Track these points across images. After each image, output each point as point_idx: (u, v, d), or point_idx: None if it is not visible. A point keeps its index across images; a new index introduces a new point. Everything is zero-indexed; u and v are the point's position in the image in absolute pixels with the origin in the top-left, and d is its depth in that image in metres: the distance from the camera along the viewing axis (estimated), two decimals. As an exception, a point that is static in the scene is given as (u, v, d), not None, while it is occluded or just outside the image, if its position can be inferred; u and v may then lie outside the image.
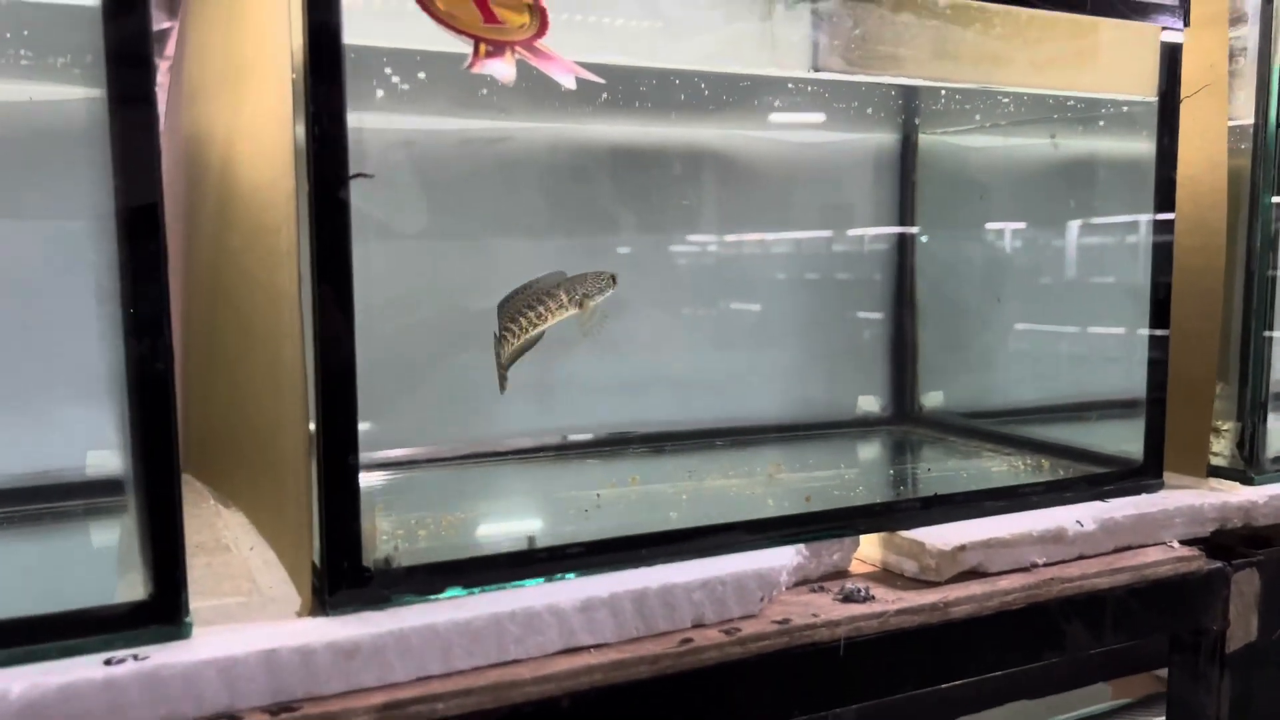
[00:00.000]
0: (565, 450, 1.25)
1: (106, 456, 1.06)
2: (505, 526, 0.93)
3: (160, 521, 0.69)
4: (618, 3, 1.04)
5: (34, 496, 1.05)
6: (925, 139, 1.38)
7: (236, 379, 1.01)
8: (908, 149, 1.39)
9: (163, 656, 0.66)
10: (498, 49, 0.72)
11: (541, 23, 0.75)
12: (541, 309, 1.03)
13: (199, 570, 0.85)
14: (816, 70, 1.13)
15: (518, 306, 1.02)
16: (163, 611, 0.69)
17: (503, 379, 1.02)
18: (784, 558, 0.89)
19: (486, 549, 0.81)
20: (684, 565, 0.84)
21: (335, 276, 0.72)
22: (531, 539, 0.81)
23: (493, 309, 1.21)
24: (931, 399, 1.43)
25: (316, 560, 0.75)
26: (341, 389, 0.73)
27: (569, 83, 0.74)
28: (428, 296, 1.18)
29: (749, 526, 0.90)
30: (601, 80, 0.76)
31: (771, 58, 1.11)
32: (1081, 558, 1.00)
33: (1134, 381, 1.13)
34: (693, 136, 1.29)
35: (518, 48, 0.73)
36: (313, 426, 0.74)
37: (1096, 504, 1.05)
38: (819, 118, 1.30)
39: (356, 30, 0.72)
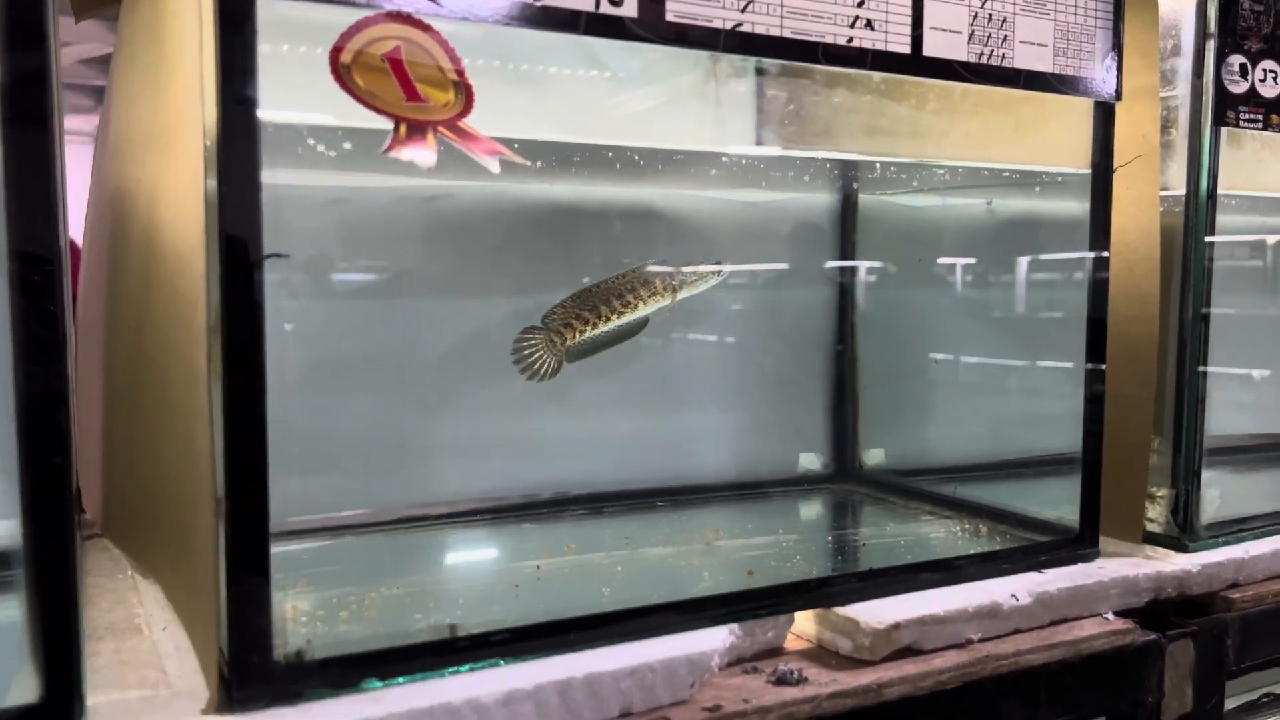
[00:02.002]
0: (502, 513, 1.22)
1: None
2: (431, 606, 0.90)
3: (53, 618, 0.66)
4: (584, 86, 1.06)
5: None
6: (865, 199, 1.38)
7: (156, 446, 0.97)
8: (848, 208, 1.39)
9: (52, 767, 0.63)
10: (419, 129, 0.70)
11: (467, 100, 0.73)
12: (627, 299, 1.08)
13: (105, 657, 0.82)
14: (759, 144, 1.14)
15: (589, 300, 1.07)
16: (55, 712, 0.65)
17: (551, 370, 1.05)
18: (717, 639, 0.87)
19: (408, 636, 0.78)
20: (613, 650, 0.82)
21: (246, 360, 0.69)
22: (453, 627, 0.78)
23: (425, 366, 1.19)
24: (873, 456, 1.43)
25: (224, 650, 0.72)
26: (251, 470, 0.70)
27: (492, 166, 0.73)
28: (362, 356, 1.15)
29: (682, 607, 0.88)
30: (527, 162, 0.74)
31: (718, 136, 1.13)
32: (1017, 632, 0.99)
33: (1071, 441, 1.13)
34: (636, 196, 1.28)
35: (440, 127, 0.71)
36: (220, 504, 0.71)
37: (1032, 575, 1.05)
38: (761, 181, 1.30)
39: (277, 104, 0.70)
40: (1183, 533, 1.16)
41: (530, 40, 1.13)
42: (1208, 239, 1.13)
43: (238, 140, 0.67)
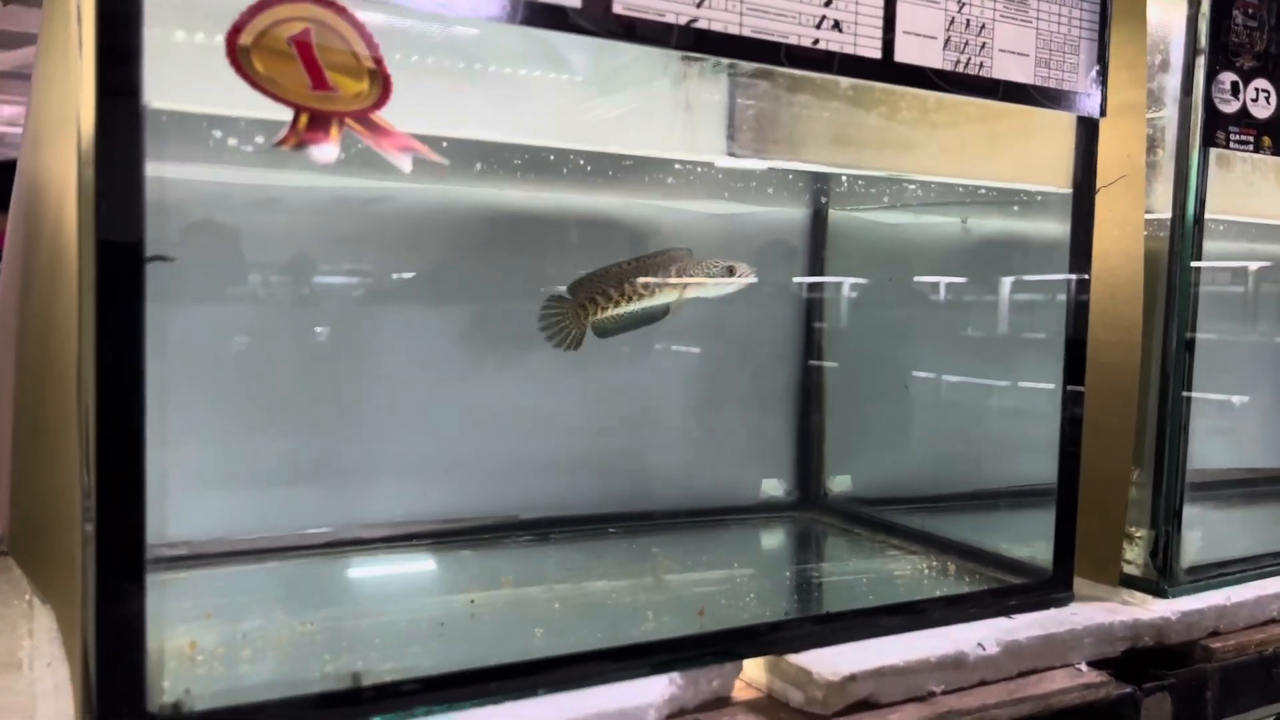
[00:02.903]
0: (442, 538, 1.15)
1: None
2: (344, 646, 0.82)
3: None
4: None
5: None
6: (836, 214, 1.32)
7: (54, 460, 0.89)
8: (818, 223, 1.32)
9: None
10: (322, 120, 0.62)
11: (383, 91, 0.66)
12: (631, 286, 1.06)
13: (-27, 697, 0.74)
14: (732, 155, 1.08)
15: (610, 279, 1.06)
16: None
17: (575, 339, 1.05)
18: (655, 690, 0.79)
19: (307, 684, 0.71)
20: (539, 703, 0.74)
21: (120, 370, 0.61)
22: (357, 675, 0.70)
23: (368, 378, 1.12)
24: (839, 483, 1.36)
25: (90, 700, 0.64)
26: (123, 490, 0.62)
27: (404, 165, 0.65)
28: (300, 366, 1.07)
29: (618, 654, 0.80)
30: (444, 161, 0.67)
31: (687, 144, 1.07)
32: (983, 684, 0.92)
33: (1048, 473, 1.07)
34: (592, 204, 1.21)
35: (348, 119, 0.63)
36: (88, 528, 0.63)
37: (1001, 620, 0.98)
38: (724, 193, 1.23)
39: (169, 92, 0.63)
40: (1162, 577, 1.09)
41: (492, 40, 1.06)
42: (1194, 264, 1.07)
43: (116, 128, 0.60)
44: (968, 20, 0.91)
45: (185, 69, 0.64)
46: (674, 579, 1.05)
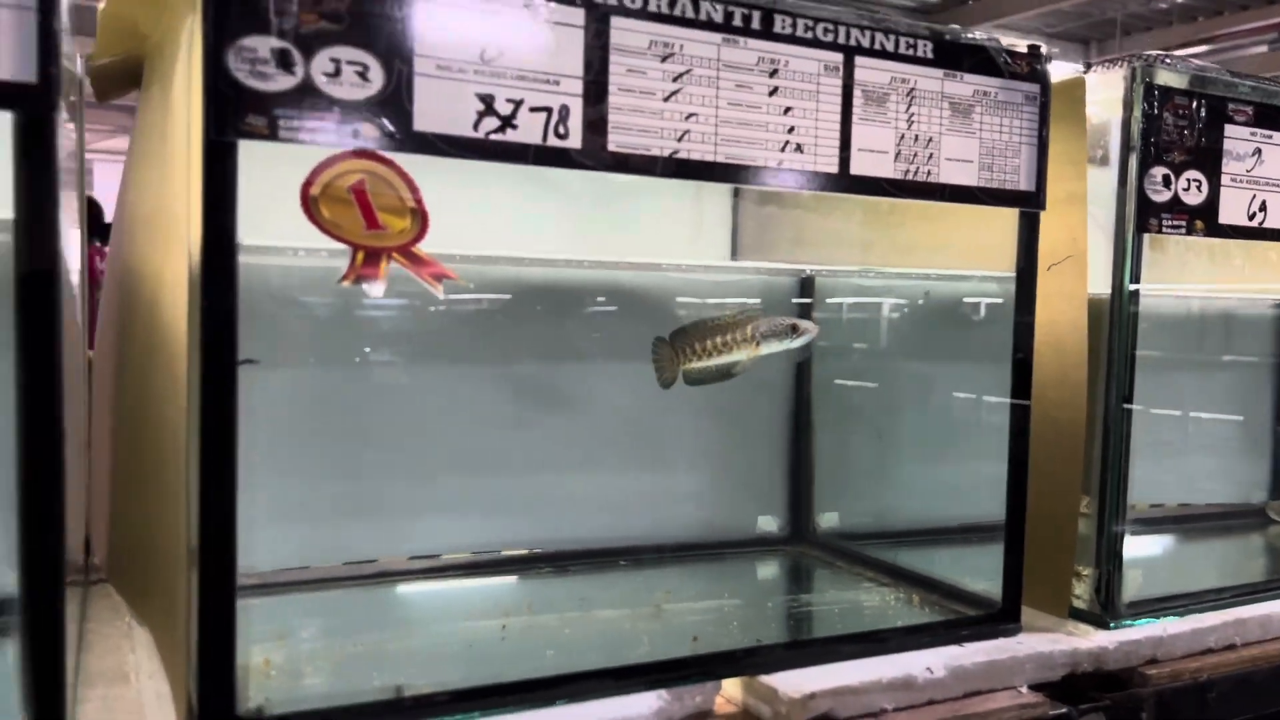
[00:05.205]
0: (474, 569, 1.32)
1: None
2: (387, 665, 0.99)
3: (41, 667, 0.75)
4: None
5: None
6: (821, 279, 1.48)
7: (150, 501, 1.07)
8: (806, 282, 1.48)
9: (34, 808, 0.73)
10: (375, 256, 0.80)
11: (421, 226, 0.83)
12: (721, 339, 1.17)
13: (94, 704, 0.92)
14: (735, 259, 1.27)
15: (700, 333, 1.18)
16: (42, 762, 0.75)
17: (667, 380, 1.18)
18: (646, 704, 0.95)
19: (359, 695, 0.88)
20: (549, 713, 0.91)
21: (219, 436, 0.80)
22: (399, 688, 0.87)
23: (412, 428, 1.29)
24: (827, 520, 1.51)
25: (192, 705, 0.82)
26: (220, 530, 0.80)
27: (437, 291, 0.83)
28: (347, 424, 1.26)
29: (616, 674, 0.97)
30: (469, 284, 0.85)
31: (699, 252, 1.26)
32: (931, 703, 1.07)
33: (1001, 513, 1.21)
34: (606, 276, 1.38)
35: (394, 253, 0.81)
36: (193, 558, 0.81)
37: (952, 648, 1.13)
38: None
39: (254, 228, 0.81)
40: (1104, 610, 1.23)
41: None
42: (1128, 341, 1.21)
43: (218, 263, 0.78)
44: (916, 135, 1.07)
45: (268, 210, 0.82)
46: (671, 608, 1.21)
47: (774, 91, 0.99)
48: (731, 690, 1.04)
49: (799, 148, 1.00)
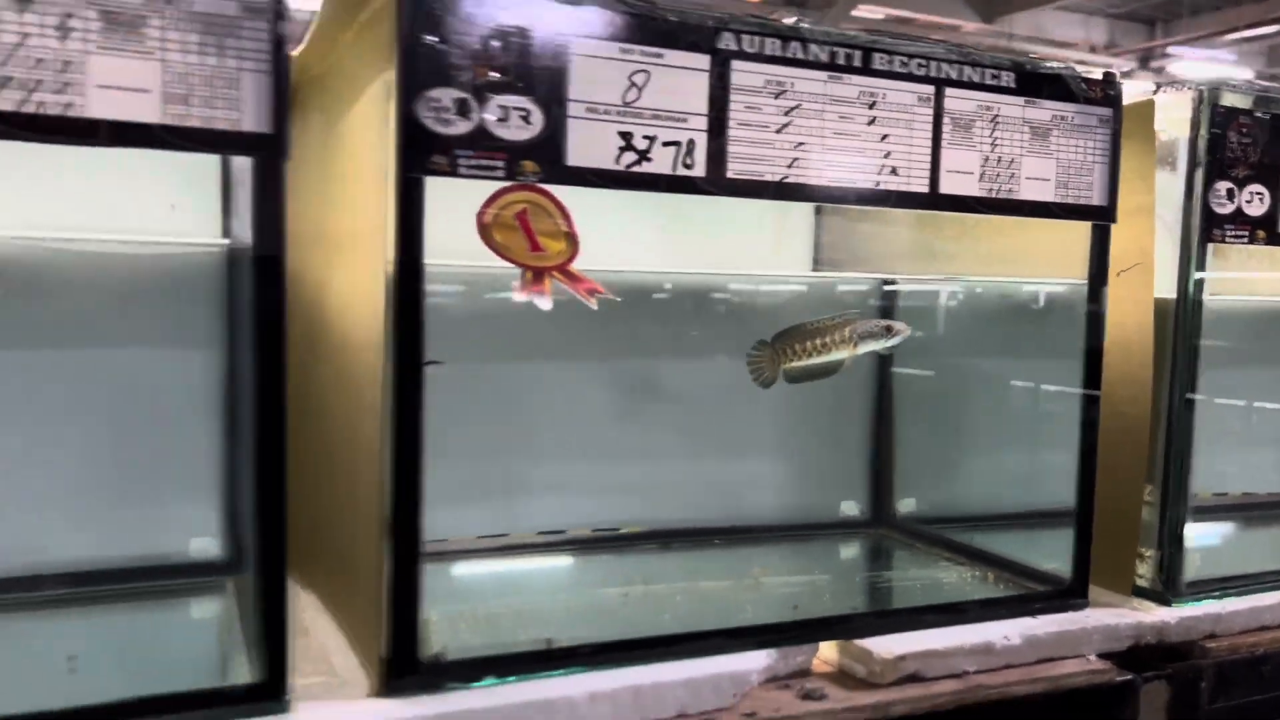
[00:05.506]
0: (588, 544, 1.47)
1: (207, 543, 1.29)
2: (530, 623, 1.14)
3: (272, 615, 0.92)
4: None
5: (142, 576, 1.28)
6: (900, 284, 1.60)
7: (320, 482, 1.23)
8: (885, 288, 1.61)
9: (274, 729, 0.89)
10: (539, 275, 0.95)
11: (574, 248, 0.97)
12: (821, 340, 1.26)
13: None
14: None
15: (801, 335, 1.27)
16: (271, 692, 0.91)
17: (767, 380, 1.27)
18: (757, 660, 1.09)
19: (514, 645, 1.03)
20: (674, 665, 1.05)
21: (409, 427, 0.95)
22: (549, 640, 1.02)
23: (530, 421, 1.44)
24: (905, 505, 1.64)
25: (384, 652, 0.97)
26: (406, 527, 0.96)
27: (592, 304, 0.97)
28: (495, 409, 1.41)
29: (730, 634, 1.11)
30: (618, 299, 0.98)
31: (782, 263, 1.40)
32: (1007, 667, 1.19)
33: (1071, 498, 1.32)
34: (702, 282, 1.52)
35: (554, 272, 0.95)
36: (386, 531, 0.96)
37: (1026, 619, 1.25)
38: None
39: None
40: (1166, 589, 1.34)
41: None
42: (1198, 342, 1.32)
43: (409, 280, 0.93)
44: (999, 157, 1.18)
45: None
46: (768, 580, 1.35)
47: (873, 121, 1.11)
48: (827, 652, 1.18)
49: (894, 170, 1.13)
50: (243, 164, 0.93)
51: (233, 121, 0.85)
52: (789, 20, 1.10)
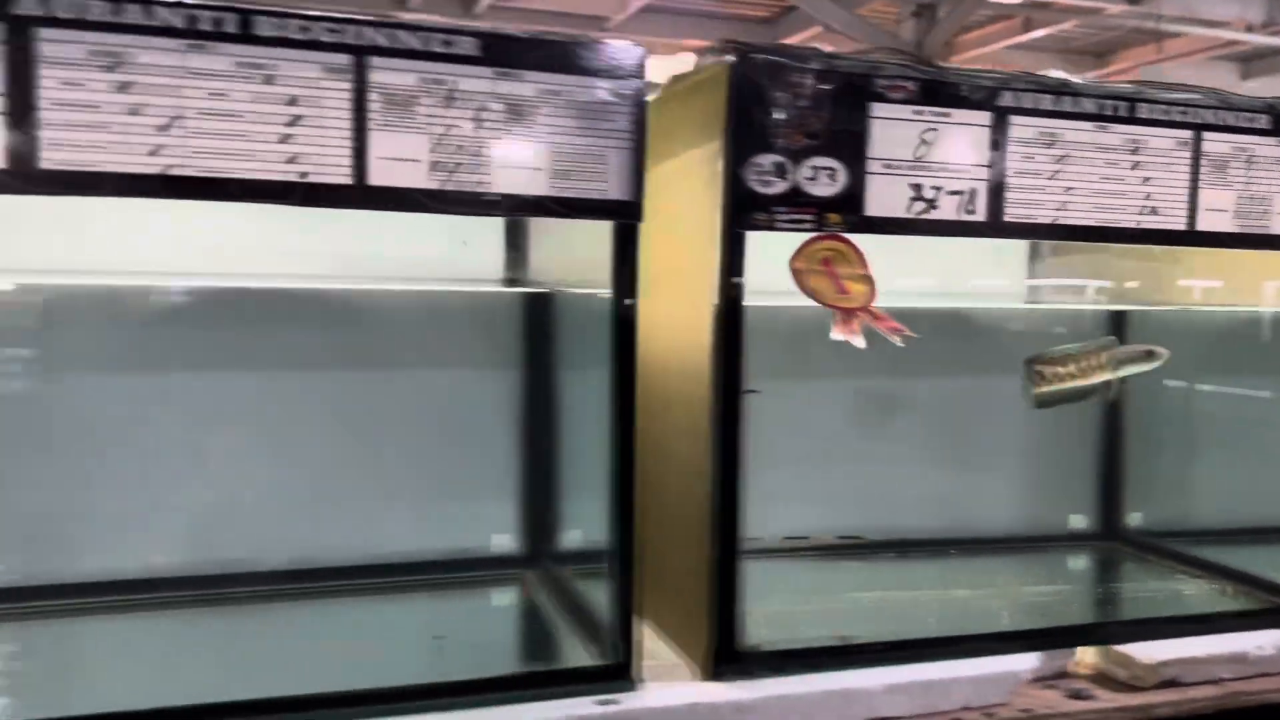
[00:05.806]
0: (829, 550, 1.59)
1: (506, 539, 1.47)
2: (820, 621, 1.27)
3: (623, 607, 1.08)
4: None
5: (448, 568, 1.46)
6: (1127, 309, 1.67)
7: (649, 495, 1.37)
8: (1115, 315, 1.68)
9: (629, 703, 1.04)
10: (848, 315, 1.08)
11: (872, 291, 1.10)
12: (1077, 365, 1.31)
13: (608, 639, 1.24)
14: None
15: (1057, 360, 1.32)
16: (624, 671, 1.07)
17: (1036, 397, 1.32)
18: (1027, 661, 1.20)
19: (815, 641, 1.16)
20: (955, 664, 1.16)
21: (731, 445, 1.09)
22: (844, 637, 1.15)
23: (775, 433, 1.57)
24: (1133, 519, 1.70)
25: (710, 642, 1.11)
26: (729, 535, 1.10)
27: (897, 341, 1.10)
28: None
29: (1000, 637, 1.22)
30: (917, 335, 1.11)
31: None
32: (1262, 675, 1.26)
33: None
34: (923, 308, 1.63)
35: (860, 313, 1.08)
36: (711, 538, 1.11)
37: (1275, 631, 1.31)
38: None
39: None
40: None
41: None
42: None
43: (731, 319, 1.08)
44: (1251, 194, 1.25)
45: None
46: (1014, 590, 1.45)
47: (1135, 165, 1.20)
48: (1085, 657, 1.27)
49: (1154, 210, 1.21)
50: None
51: (601, 191, 1.02)
52: (1055, 73, 1.20)
